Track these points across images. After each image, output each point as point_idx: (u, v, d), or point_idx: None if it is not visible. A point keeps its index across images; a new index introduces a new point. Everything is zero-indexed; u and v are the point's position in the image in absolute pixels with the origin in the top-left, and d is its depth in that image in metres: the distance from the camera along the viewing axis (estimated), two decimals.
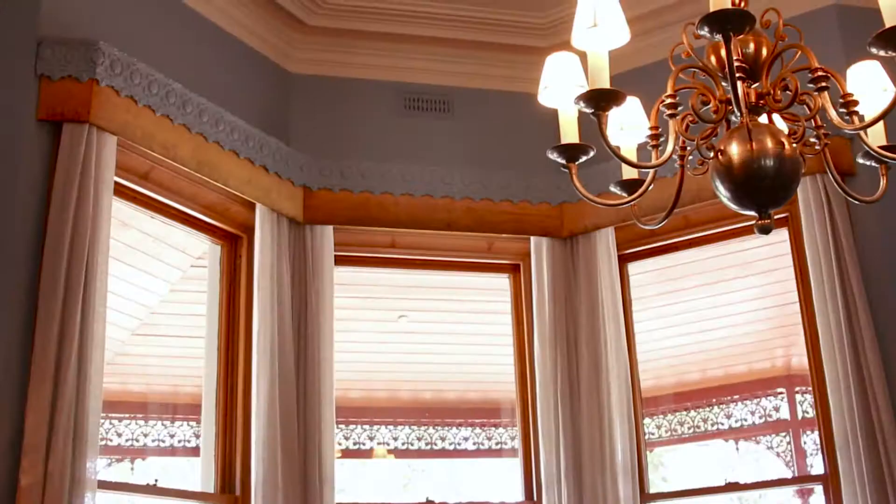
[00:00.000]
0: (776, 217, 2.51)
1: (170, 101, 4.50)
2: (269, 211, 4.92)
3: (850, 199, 2.83)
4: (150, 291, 5.87)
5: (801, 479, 7.73)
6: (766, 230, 2.52)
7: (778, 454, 7.77)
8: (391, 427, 7.56)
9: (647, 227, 3.01)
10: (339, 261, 5.20)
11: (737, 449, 8.23)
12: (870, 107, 2.70)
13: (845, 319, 4.51)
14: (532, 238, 5.41)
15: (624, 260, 5.42)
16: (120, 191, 4.34)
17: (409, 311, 6.71)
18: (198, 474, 4.92)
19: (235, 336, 4.89)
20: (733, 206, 2.55)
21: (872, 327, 4.48)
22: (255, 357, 4.67)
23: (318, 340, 4.92)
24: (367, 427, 7.51)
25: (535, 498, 5.16)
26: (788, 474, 7.77)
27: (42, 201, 3.95)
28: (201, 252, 5.35)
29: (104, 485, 4.07)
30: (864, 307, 4.51)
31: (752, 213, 2.53)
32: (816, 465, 7.34)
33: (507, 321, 5.61)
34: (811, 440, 7.55)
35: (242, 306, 4.89)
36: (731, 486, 5.56)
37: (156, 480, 4.51)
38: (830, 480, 4.61)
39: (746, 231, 5.07)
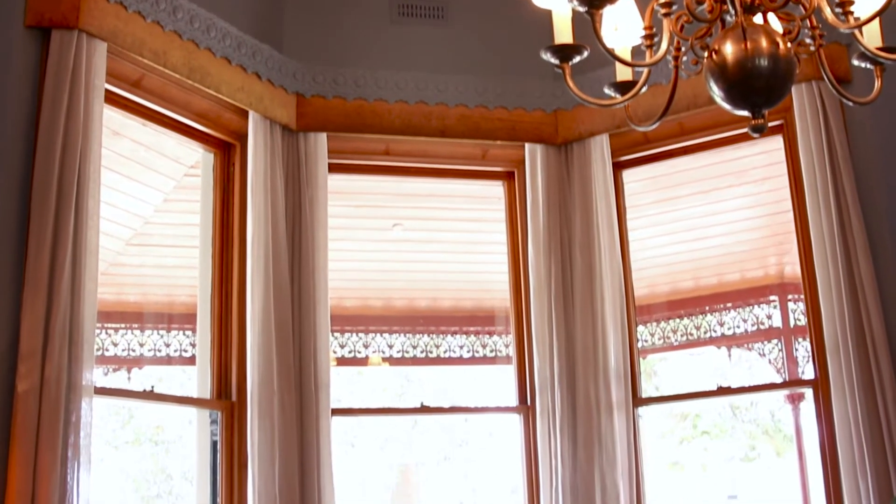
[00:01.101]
0: (771, 125, 2.50)
1: (160, 7, 4.44)
2: (261, 118, 4.88)
3: (845, 101, 2.81)
4: (144, 201, 5.86)
5: (791, 384, 7.84)
6: (759, 130, 2.51)
7: (770, 361, 7.84)
8: (386, 335, 7.60)
9: (641, 129, 3.00)
10: (333, 168, 5.18)
11: (729, 356, 8.30)
12: (866, 9, 2.67)
13: (838, 227, 4.52)
14: (526, 145, 5.40)
15: (618, 167, 5.41)
16: (111, 98, 4.31)
17: (404, 219, 6.71)
18: (194, 383, 4.97)
19: (230, 245, 4.90)
20: (727, 106, 2.53)
21: (865, 235, 4.49)
22: (250, 265, 4.68)
23: (313, 248, 4.92)
24: (361, 335, 7.55)
25: (528, 403, 5.22)
26: (779, 380, 7.85)
27: (32, 110, 3.92)
28: (194, 161, 5.33)
29: (101, 391, 4.11)
30: (858, 215, 4.51)
31: (746, 113, 2.51)
32: (807, 373, 7.40)
33: (501, 229, 5.62)
34: (803, 347, 7.61)
35: (236, 215, 4.89)
36: (722, 391, 5.64)
37: (152, 387, 4.55)
38: (820, 385, 4.66)
39: (741, 138, 5.06)
